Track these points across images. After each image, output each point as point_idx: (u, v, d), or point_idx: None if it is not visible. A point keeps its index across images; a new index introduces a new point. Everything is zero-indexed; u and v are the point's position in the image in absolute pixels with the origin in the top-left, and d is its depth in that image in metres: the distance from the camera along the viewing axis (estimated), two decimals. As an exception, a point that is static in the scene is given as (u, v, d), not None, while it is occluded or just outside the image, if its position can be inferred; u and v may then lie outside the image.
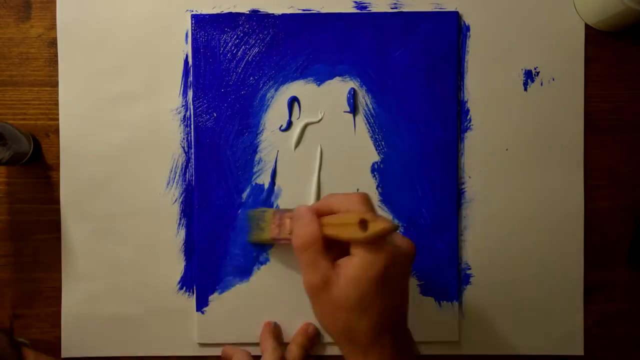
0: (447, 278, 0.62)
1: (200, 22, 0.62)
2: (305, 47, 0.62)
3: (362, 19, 0.62)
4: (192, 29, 0.62)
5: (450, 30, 0.62)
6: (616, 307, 0.64)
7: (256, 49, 0.62)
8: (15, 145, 0.58)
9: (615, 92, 0.64)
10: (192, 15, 0.62)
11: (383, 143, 0.62)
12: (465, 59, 0.63)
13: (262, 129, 0.62)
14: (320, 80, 0.62)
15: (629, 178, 0.64)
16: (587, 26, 0.63)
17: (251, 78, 0.62)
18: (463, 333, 0.63)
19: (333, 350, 0.63)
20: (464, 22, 0.62)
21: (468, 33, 0.62)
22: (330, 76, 0.62)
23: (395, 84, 0.62)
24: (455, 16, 0.62)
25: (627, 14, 0.57)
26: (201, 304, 0.62)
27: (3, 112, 0.63)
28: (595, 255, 0.64)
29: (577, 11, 0.62)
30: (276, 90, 0.62)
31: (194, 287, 0.63)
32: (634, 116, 0.64)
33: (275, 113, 0.62)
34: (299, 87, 0.62)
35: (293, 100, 0.62)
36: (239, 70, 0.62)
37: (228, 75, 0.62)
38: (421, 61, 0.62)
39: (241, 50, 0.62)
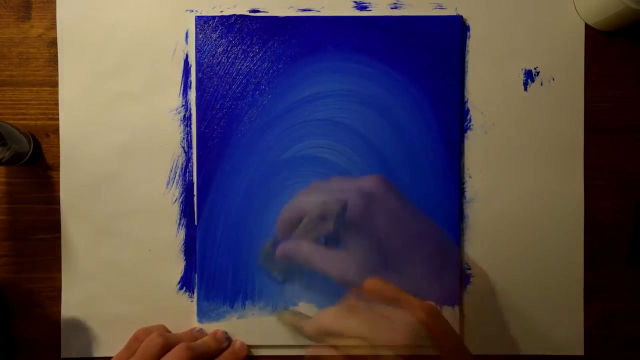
0: (448, 282, 0.62)
1: (204, 24, 0.62)
2: (307, 49, 0.62)
3: (365, 22, 0.62)
4: (195, 30, 0.62)
5: (454, 35, 0.62)
6: (616, 307, 0.64)
7: (257, 50, 0.62)
8: (15, 145, 0.58)
9: (615, 92, 0.63)
10: (196, 17, 0.62)
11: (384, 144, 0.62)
12: (465, 59, 0.63)
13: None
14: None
15: (629, 178, 0.64)
16: (587, 26, 0.63)
17: (253, 79, 0.62)
18: (463, 333, 0.63)
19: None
20: (464, 22, 0.62)
21: (468, 33, 0.62)
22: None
23: (397, 87, 0.62)
24: (459, 20, 0.62)
25: (627, 14, 0.57)
26: (203, 317, 0.63)
27: (3, 112, 0.63)
28: (595, 255, 0.63)
29: (577, 11, 0.62)
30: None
31: (196, 298, 0.63)
32: (634, 116, 0.64)
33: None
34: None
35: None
36: (242, 71, 0.62)
37: (231, 76, 0.62)
38: (424, 64, 0.62)
39: (243, 51, 0.62)
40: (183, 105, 0.63)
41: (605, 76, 0.63)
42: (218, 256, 0.62)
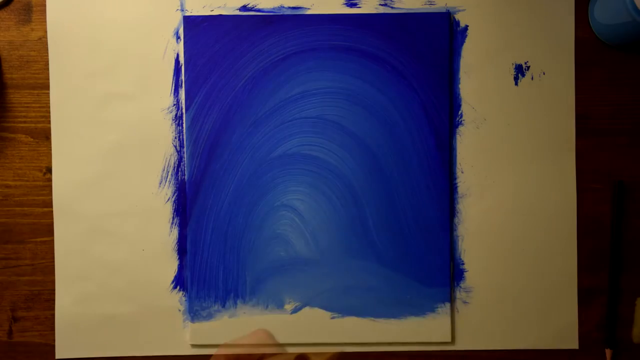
0: (441, 278, 0.62)
1: (193, 23, 0.62)
2: (296, 47, 0.62)
3: (354, 20, 0.62)
4: (184, 30, 0.62)
5: (443, 30, 0.62)
6: (614, 309, 0.63)
7: (247, 48, 0.62)
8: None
9: (615, 95, 0.63)
10: (183, 16, 0.63)
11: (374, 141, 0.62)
12: (456, 54, 0.62)
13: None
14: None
15: (628, 182, 0.63)
16: (587, 30, 0.63)
17: (243, 77, 0.62)
18: (456, 329, 0.62)
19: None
20: (454, 17, 0.63)
21: (458, 28, 0.62)
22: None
23: (387, 83, 0.62)
24: (447, 16, 0.62)
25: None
26: (195, 317, 0.62)
27: (3, 115, 0.64)
28: (592, 257, 0.63)
29: (590, 26, 0.63)
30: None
31: (187, 297, 0.63)
32: (634, 120, 0.63)
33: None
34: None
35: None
36: (232, 69, 0.62)
37: (221, 75, 0.62)
38: (413, 60, 0.62)
39: (232, 50, 0.62)
40: (174, 105, 0.63)
41: (605, 80, 0.63)
42: (209, 255, 0.62)
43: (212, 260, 0.62)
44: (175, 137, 0.63)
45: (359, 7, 0.63)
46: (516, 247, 0.62)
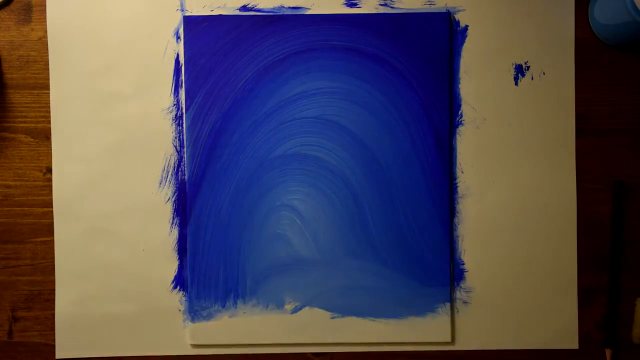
0: (441, 278, 0.62)
1: (193, 23, 0.62)
2: (296, 47, 0.62)
3: (354, 20, 0.62)
4: (184, 30, 0.62)
5: (442, 30, 0.62)
6: (611, 310, 0.63)
7: (247, 48, 0.62)
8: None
9: (615, 95, 0.63)
10: (183, 16, 0.63)
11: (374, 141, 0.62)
12: (456, 54, 0.63)
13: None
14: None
15: (627, 182, 0.63)
16: (587, 30, 0.63)
17: (243, 77, 0.62)
18: (456, 329, 0.62)
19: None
20: (454, 17, 0.63)
21: (458, 28, 0.63)
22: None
23: (387, 83, 0.62)
24: (447, 16, 0.62)
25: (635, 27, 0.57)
26: (195, 317, 0.63)
27: (4, 115, 0.64)
28: (592, 257, 0.63)
29: (590, 26, 0.63)
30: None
31: (187, 297, 0.63)
32: (633, 120, 0.63)
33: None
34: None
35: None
36: (232, 69, 0.62)
37: (221, 75, 0.62)
38: (413, 60, 0.62)
39: (232, 50, 0.62)
40: (175, 105, 0.63)
41: (604, 80, 0.63)
42: (209, 255, 0.62)
43: (212, 260, 0.62)
44: (175, 137, 0.63)
45: (359, 7, 0.63)
46: (516, 247, 0.62)
